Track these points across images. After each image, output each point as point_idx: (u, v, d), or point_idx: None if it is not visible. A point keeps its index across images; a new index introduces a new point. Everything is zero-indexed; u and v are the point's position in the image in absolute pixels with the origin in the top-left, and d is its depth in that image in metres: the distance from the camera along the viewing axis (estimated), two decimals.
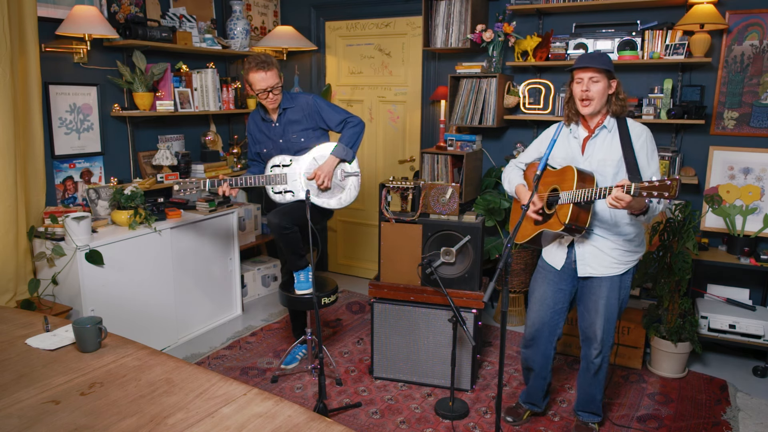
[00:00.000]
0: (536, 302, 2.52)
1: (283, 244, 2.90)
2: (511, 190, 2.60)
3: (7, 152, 2.80)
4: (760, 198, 3.31)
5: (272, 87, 2.89)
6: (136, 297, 3.23)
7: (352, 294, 4.47)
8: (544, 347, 2.56)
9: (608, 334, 2.42)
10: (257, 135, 3.09)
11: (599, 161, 2.32)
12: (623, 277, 2.39)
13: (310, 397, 2.95)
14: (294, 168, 3.01)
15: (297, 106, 3.03)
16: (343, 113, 3.06)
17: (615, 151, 2.30)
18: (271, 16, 4.76)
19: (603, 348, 2.44)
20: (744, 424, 2.73)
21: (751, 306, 3.31)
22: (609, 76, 2.27)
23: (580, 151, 2.37)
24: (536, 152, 2.57)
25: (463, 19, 3.75)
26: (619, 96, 2.30)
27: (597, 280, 2.39)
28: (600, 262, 2.37)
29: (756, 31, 3.25)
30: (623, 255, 2.36)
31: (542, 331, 2.52)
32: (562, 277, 2.47)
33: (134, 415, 1.46)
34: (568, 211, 2.21)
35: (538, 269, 2.57)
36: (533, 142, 2.62)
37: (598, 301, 2.39)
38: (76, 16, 3.12)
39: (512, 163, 2.67)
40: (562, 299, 2.49)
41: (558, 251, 2.46)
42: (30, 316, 2.15)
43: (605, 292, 2.38)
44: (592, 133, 2.34)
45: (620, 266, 2.37)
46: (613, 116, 2.33)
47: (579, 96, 2.29)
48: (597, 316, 2.41)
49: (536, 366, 2.61)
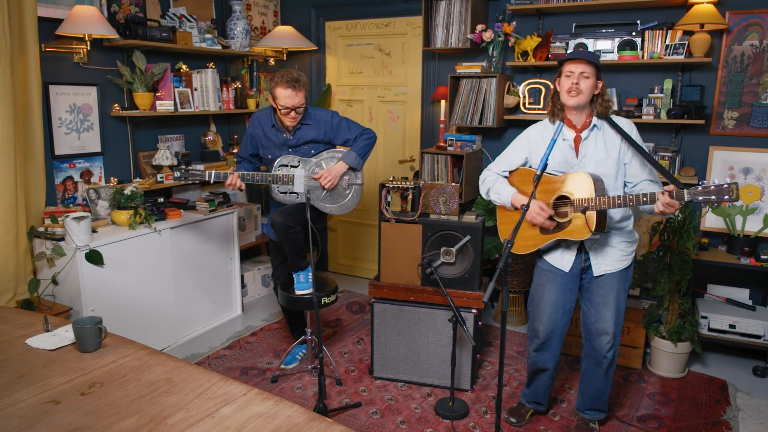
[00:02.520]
0: (548, 306, 2.50)
1: (287, 243, 2.90)
2: (504, 202, 2.50)
3: (7, 152, 2.80)
4: (760, 198, 3.31)
5: (296, 107, 2.88)
6: (136, 297, 3.23)
7: (352, 294, 4.47)
8: (556, 348, 2.58)
9: (618, 327, 2.45)
10: (262, 140, 3.06)
11: (598, 161, 2.32)
12: (628, 270, 2.45)
13: (310, 397, 2.95)
14: (301, 170, 3.01)
15: (314, 124, 3.01)
16: (360, 128, 3.06)
17: (613, 149, 2.31)
18: (271, 16, 4.76)
19: (615, 341, 2.45)
20: (744, 424, 2.73)
21: (751, 306, 3.31)
22: (597, 75, 2.28)
23: (573, 153, 2.36)
24: (519, 158, 2.51)
25: (463, 19, 3.75)
26: (604, 97, 2.31)
27: (608, 275, 2.41)
28: (613, 258, 2.40)
29: (756, 31, 3.25)
30: (628, 246, 2.42)
31: (555, 333, 2.53)
32: (571, 279, 2.48)
33: (134, 415, 1.46)
34: (593, 218, 2.23)
35: (542, 272, 2.53)
36: (510, 148, 2.55)
37: (608, 295, 2.41)
38: (76, 16, 3.12)
39: (491, 171, 2.58)
40: (571, 299, 2.51)
41: (566, 254, 2.45)
42: (30, 316, 2.15)
43: (616, 285, 2.41)
44: (581, 133, 2.34)
45: (627, 258, 2.43)
46: (598, 116, 2.34)
47: (567, 88, 2.27)
48: (608, 310, 2.42)
49: (550, 366, 2.62)
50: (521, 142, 2.51)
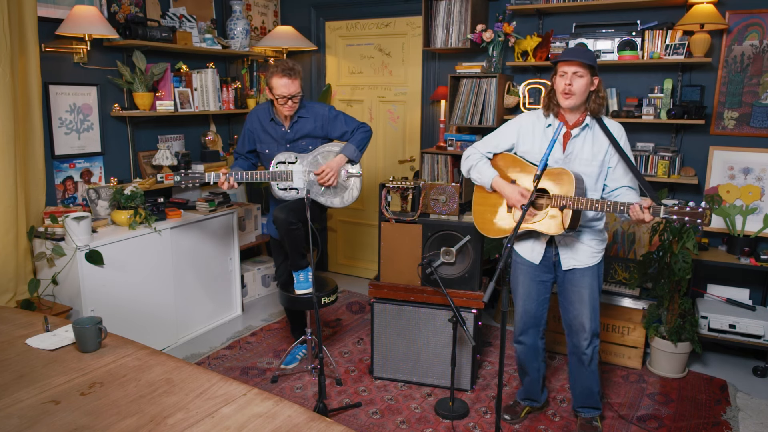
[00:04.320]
0: (521, 297, 2.57)
1: (289, 240, 2.89)
2: (484, 182, 2.51)
3: (7, 152, 2.80)
4: (760, 198, 3.31)
5: (293, 95, 2.88)
6: (136, 297, 3.23)
7: (352, 294, 4.47)
8: (533, 339, 2.62)
9: (595, 323, 2.48)
10: (261, 135, 3.07)
11: (583, 160, 2.34)
12: (599, 266, 2.48)
13: (310, 397, 2.95)
14: (299, 166, 3.01)
15: (311, 116, 3.03)
16: (356, 122, 3.09)
17: (600, 151, 2.33)
18: (271, 16, 4.76)
19: (592, 337, 2.49)
20: (744, 424, 2.73)
21: (751, 306, 3.31)
22: (592, 72, 2.28)
23: (561, 148, 2.37)
24: (506, 143, 2.51)
25: (463, 19, 3.75)
26: (599, 94, 2.31)
27: (579, 271, 2.45)
28: (583, 254, 2.43)
29: (756, 31, 3.25)
30: (598, 244, 2.46)
31: (530, 323, 2.58)
32: (542, 270, 2.52)
33: (134, 415, 1.46)
34: (569, 216, 2.26)
35: (516, 265, 2.58)
36: (498, 131, 2.55)
37: (582, 291, 2.45)
38: (76, 16, 3.12)
39: (476, 150, 2.57)
40: (544, 291, 2.55)
41: (535, 246, 2.49)
42: (30, 316, 2.15)
43: (588, 281, 2.45)
44: (572, 130, 2.35)
45: (597, 255, 2.46)
46: (591, 114, 2.34)
47: (561, 89, 2.29)
48: (583, 306, 2.45)
49: (529, 358, 2.65)
50: (511, 127, 2.51)
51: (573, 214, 2.25)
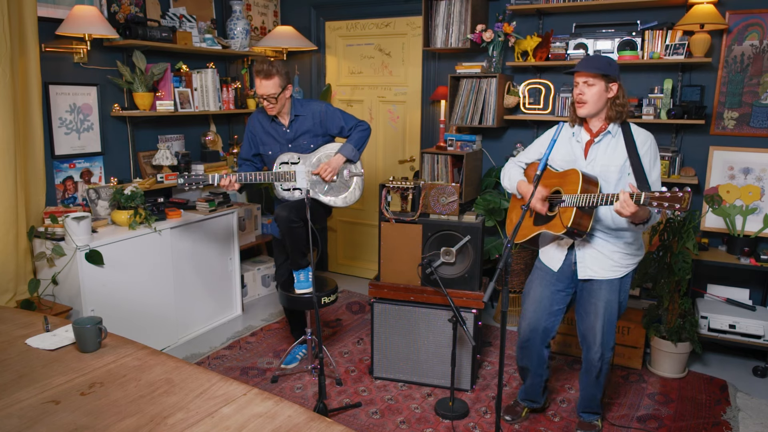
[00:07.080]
0: (532, 304, 2.52)
1: (290, 238, 2.89)
2: (512, 187, 2.57)
3: (7, 152, 2.80)
4: (760, 198, 3.31)
5: (268, 96, 2.88)
6: (136, 297, 3.23)
7: (352, 294, 4.47)
8: (538, 348, 2.56)
9: (609, 337, 2.42)
10: (262, 136, 3.07)
11: (603, 166, 2.30)
12: (623, 280, 2.40)
13: (310, 397, 2.95)
14: (301, 166, 3.01)
15: (308, 114, 3.04)
16: (354, 119, 3.09)
17: (619, 157, 2.28)
18: (271, 16, 4.76)
19: (604, 351, 2.43)
20: (744, 424, 2.73)
21: (751, 306, 3.31)
22: (608, 79, 2.24)
23: (582, 154, 2.36)
24: (537, 153, 2.56)
25: (463, 19, 3.75)
26: (617, 101, 2.26)
27: (597, 282, 2.39)
28: (601, 265, 2.37)
29: (756, 31, 3.25)
30: (623, 258, 2.37)
31: (537, 332, 2.52)
32: (560, 279, 2.47)
33: (134, 415, 1.46)
34: (571, 214, 2.21)
35: (535, 270, 2.56)
36: (534, 142, 2.60)
37: (598, 303, 2.39)
38: (76, 16, 3.12)
39: (512, 161, 2.66)
40: (559, 301, 2.49)
41: (556, 252, 2.46)
42: (30, 316, 2.15)
43: (605, 295, 2.37)
44: (595, 137, 2.33)
45: (620, 269, 2.37)
46: (615, 122, 2.30)
47: (574, 99, 2.32)
48: (597, 319, 2.40)
49: (531, 366, 2.61)
50: (542, 138, 2.55)
51: (576, 213, 2.21)
